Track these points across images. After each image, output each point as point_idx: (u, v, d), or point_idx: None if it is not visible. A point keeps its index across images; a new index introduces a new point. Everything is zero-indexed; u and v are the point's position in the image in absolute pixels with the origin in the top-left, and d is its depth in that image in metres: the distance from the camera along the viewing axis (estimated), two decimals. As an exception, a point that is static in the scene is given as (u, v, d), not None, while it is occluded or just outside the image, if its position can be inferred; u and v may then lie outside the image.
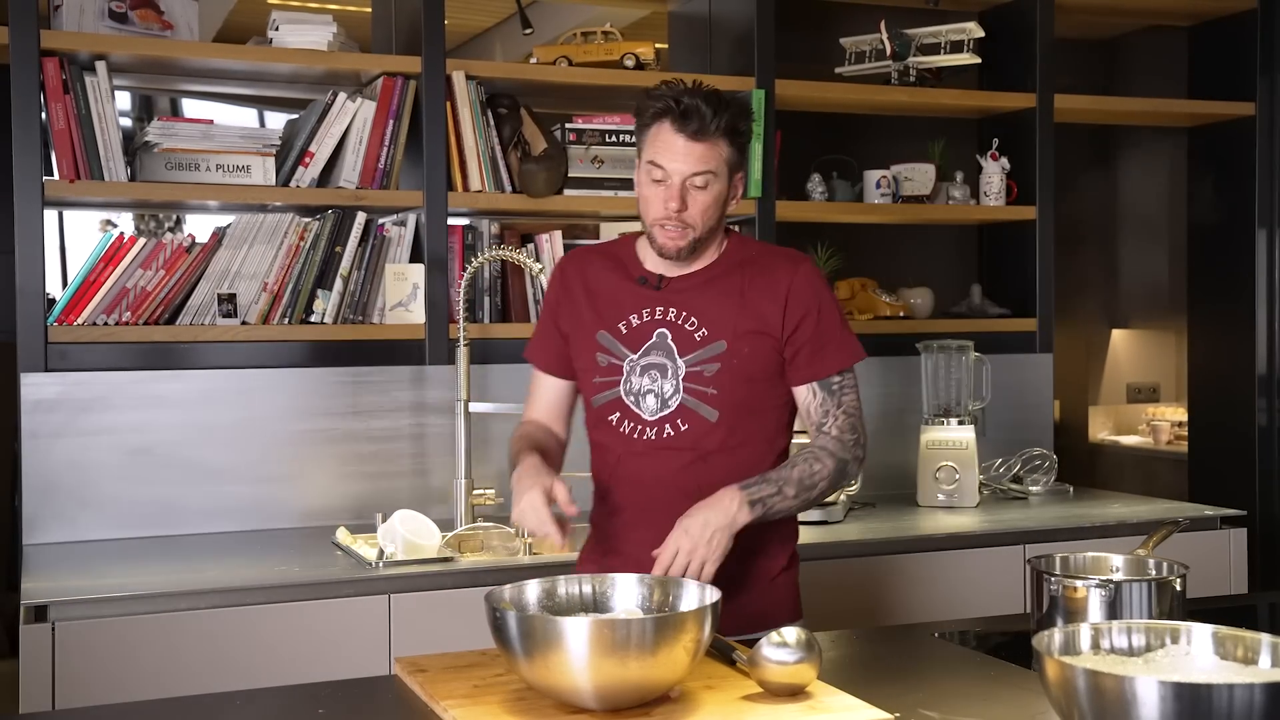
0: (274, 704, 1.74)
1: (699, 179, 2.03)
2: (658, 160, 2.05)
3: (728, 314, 2.10)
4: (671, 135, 2.03)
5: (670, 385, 2.08)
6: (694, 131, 2.02)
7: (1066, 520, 3.21)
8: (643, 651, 1.49)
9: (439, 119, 3.17)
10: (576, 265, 2.24)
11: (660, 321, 2.11)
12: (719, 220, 2.10)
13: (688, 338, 2.10)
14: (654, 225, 2.07)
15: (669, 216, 2.04)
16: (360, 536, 2.87)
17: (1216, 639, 1.47)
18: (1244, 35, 4.09)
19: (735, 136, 2.07)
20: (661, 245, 2.08)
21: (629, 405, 2.11)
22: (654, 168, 2.05)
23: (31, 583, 2.49)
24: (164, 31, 3.06)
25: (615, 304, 2.15)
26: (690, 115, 2.02)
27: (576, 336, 2.18)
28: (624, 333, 2.13)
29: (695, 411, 2.08)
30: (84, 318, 2.93)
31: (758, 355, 2.09)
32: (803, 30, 3.81)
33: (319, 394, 3.14)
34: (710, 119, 2.02)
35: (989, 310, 3.89)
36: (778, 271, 2.13)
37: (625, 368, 2.11)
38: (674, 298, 2.12)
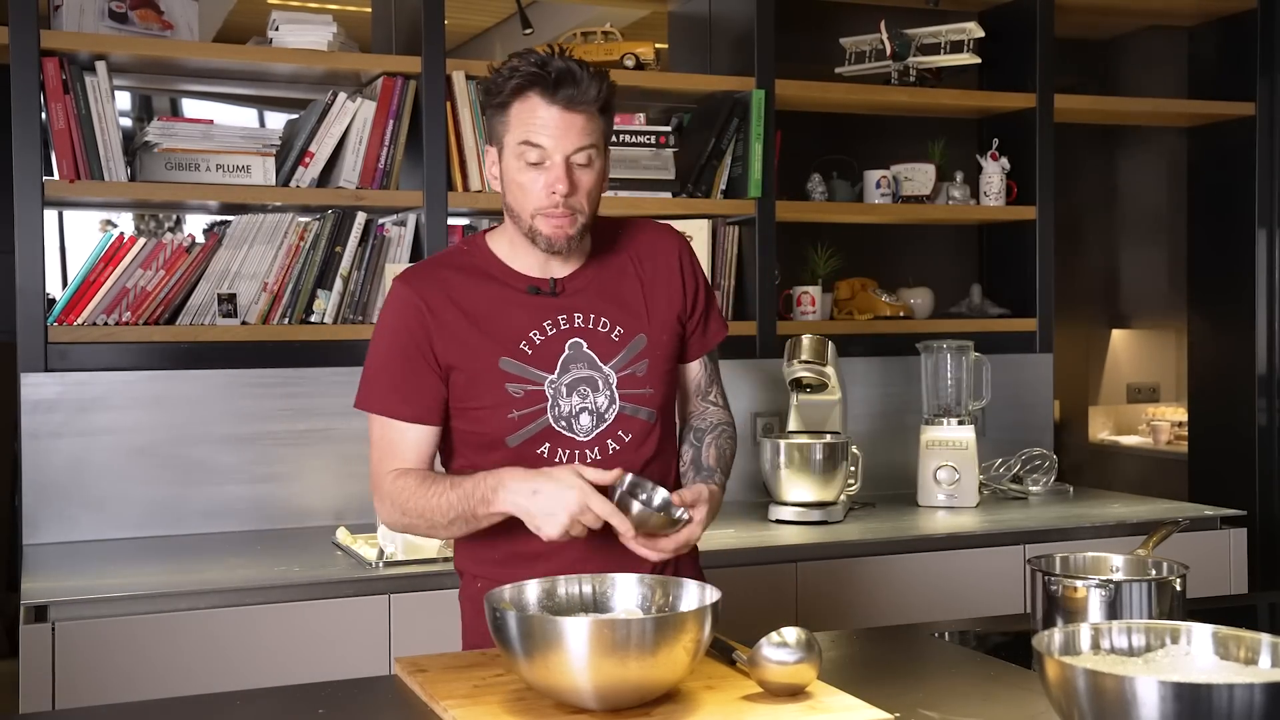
0: (274, 704, 1.74)
1: (582, 155, 1.81)
2: (533, 138, 1.79)
3: (635, 305, 1.94)
4: (544, 107, 1.79)
5: (604, 397, 1.90)
6: (569, 100, 1.78)
7: (1066, 520, 3.21)
8: (643, 651, 1.49)
9: (439, 119, 3.17)
10: (434, 287, 1.90)
11: (569, 330, 1.90)
12: (599, 203, 1.88)
13: (604, 341, 1.91)
14: (536, 216, 1.83)
15: (556, 204, 1.81)
16: (360, 536, 2.87)
17: (1216, 639, 1.47)
18: (1244, 35, 4.09)
19: (608, 108, 1.85)
20: (550, 237, 1.84)
21: (559, 431, 1.88)
22: (528, 148, 1.80)
23: (31, 583, 2.49)
24: (164, 31, 3.06)
25: (507, 323, 1.88)
26: (564, 81, 1.78)
27: (469, 369, 1.88)
28: (530, 353, 1.88)
29: (634, 417, 1.92)
30: (84, 318, 2.93)
31: (671, 340, 1.97)
32: (803, 30, 3.81)
33: (319, 394, 3.13)
34: (588, 85, 1.79)
35: (989, 310, 3.89)
36: (661, 244, 1.99)
37: (548, 392, 1.88)
38: (575, 300, 1.91)
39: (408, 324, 1.89)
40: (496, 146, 1.88)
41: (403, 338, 1.89)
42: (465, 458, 1.95)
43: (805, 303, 3.62)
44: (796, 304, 3.63)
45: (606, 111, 1.85)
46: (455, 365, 1.88)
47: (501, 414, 1.88)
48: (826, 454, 3.11)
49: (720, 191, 3.49)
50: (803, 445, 3.11)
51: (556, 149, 1.80)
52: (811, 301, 3.61)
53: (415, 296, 1.89)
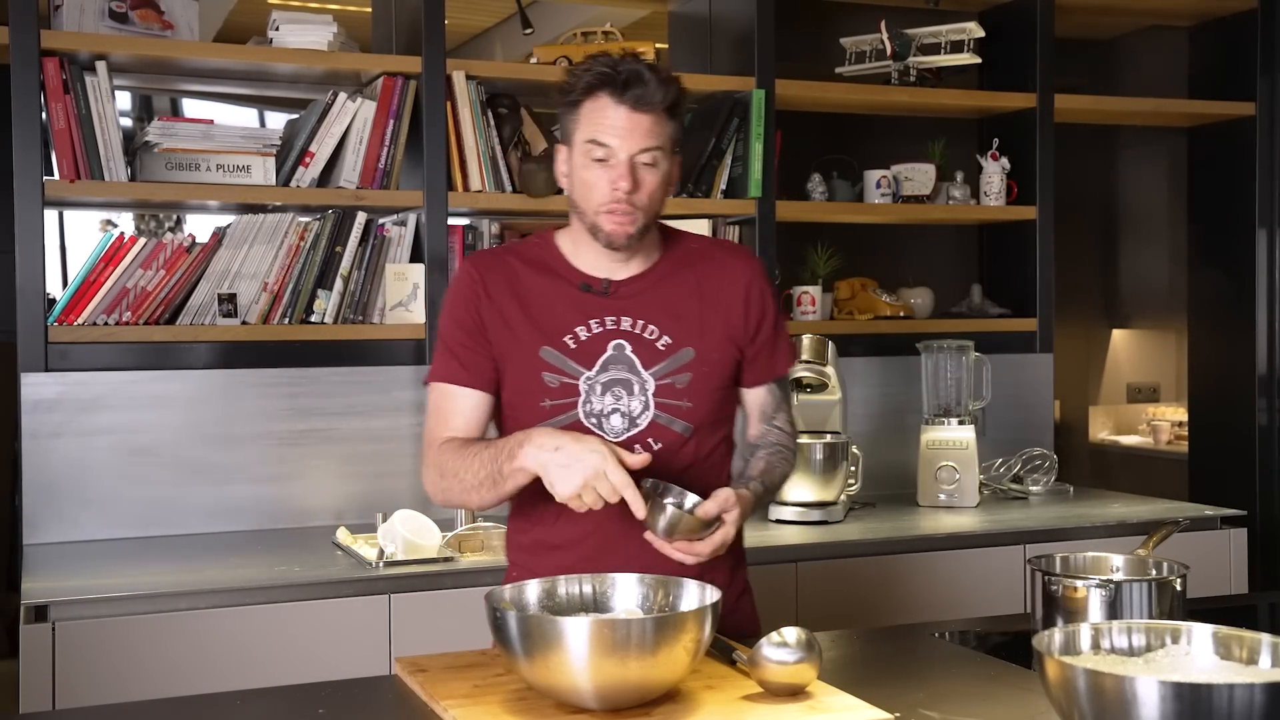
0: (274, 704, 1.74)
1: (647, 156, 1.85)
2: (599, 137, 1.84)
3: (690, 317, 1.94)
4: (612, 106, 1.83)
5: (639, 402, 1.90)
6: (637, 100, 1.82)
7: (1066, 520, 3.21)
8: (643, 651, 1.49)
9: (439, 119, 3.17)
10: (497, 271, 1.96)
11: (615, 332, 1.91)
12: (662, 205, 1.91)
13: (649, 348, 1.91)
14: (599, 213, 1.86)
15: (618, 200, 1.84)
16: (360, 536, 2.87)
17: (1217, 639, 1.47)
18: (1244, 35, 4.09)
19: (676, 111, 1.88)
20: (610, 234, 1.87)
21: (589, 428, 1.89)
22: (595, 146, 1.84)
23: (31, 583, 2.49)
24: (164, 31, 3.06)
25: (555, 315, 1.92)
26: (632, 83, 1.82)
27: (512, 354, 1.92)
28: (573, 347, 1.91)
29: (668, 428, 1.91)
30: (84, 318, 2.93)
31: (726, 360, 1.97)
32: (803, 30, 3.82)
33: (320, 394, 3.14)
34: (656, 87, 1.83)
35: (989, 310, 3.89)
36: (732, 267, 2.00)
37: (582, 387, 1.90)
38: (626, 304, 1.93)
39: (465, 300, 1.95)
40: (566, 145, 1.91)
41: (460, 313, 1.95)
42: None
43: (805, 303, 3.62)
44: (797, 304, 3.63)
45: (675, 116, 1.88)
46: (499, 347, 1.93)
47: (534, 401, 1.90)
48: (827, 454, 3.11)
49: (720, 191, 3.49)
50: (803, 445, 3.12)
51: (622, 148, 1.84)
52: (812, 301, 3.61)
53: (476, 274, 1.96)
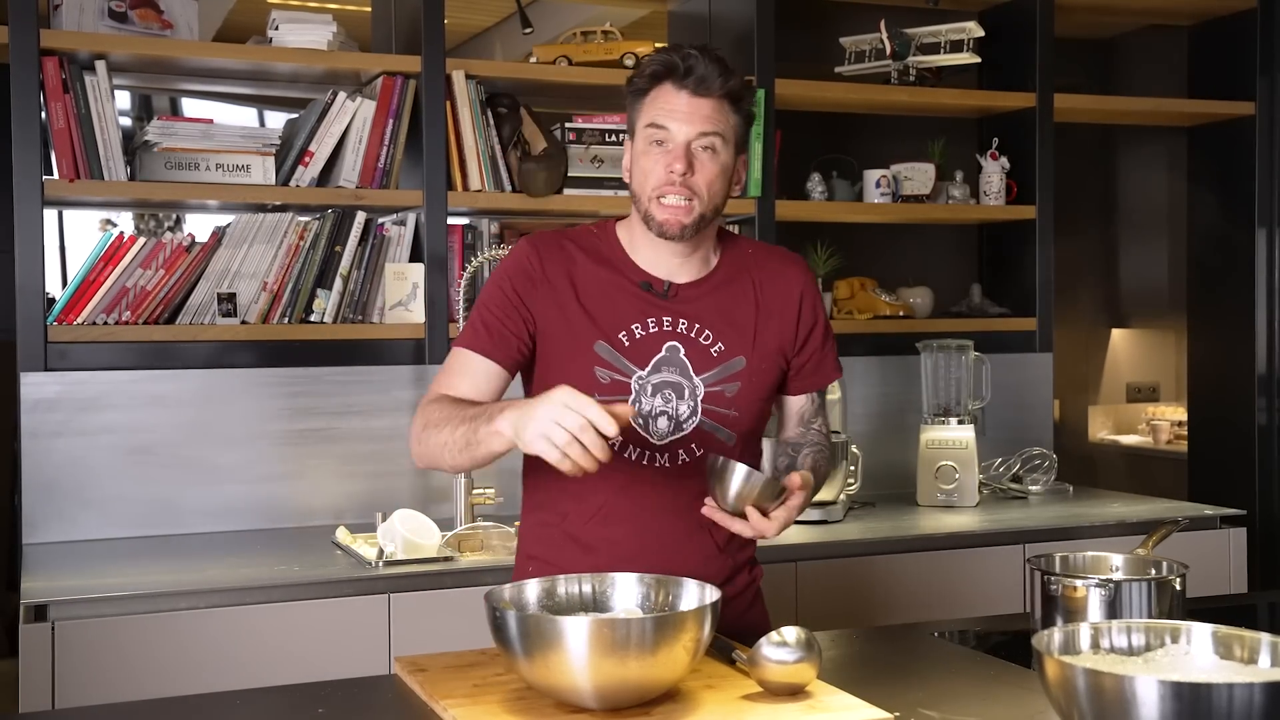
0: (274, 704, 1.74)
1: (706, 140, 1.83)
2: (659, 120, 1.84)
3: (744, 327, 1.93)
4: (673, 93, 1.84)
5: (687, 406, 1.89)
6: (697, 84, 1.83)
7: (1066, 520, 3.21)
8: (643, 651, 1.49)
9: (439, 118, 3.17)
10: (556, 254, 1.92)
11: (670, 334, 1.90)
12: (723, 201, 1.89)
13: (703, 353, 1.90)
14: (653, 198, 1.85)
15: (672, 183, 1.82)
16: (360, 536, 2.87)
17: (1216, 638, 1.47)
18: (1244, 35, 4.09)
19: (739, 104, 1.87)
20: (663, 222, 1.84)
21: (636, 428, 1.87)
22: (654, 129, 1.84)
23: (31, 582, 2.48)
24: (164, 31, 3.06)
25: (613, 309, 1.90)
26: (694, 69, 1.82)
27: (563, 345, 1.90)
28: (626, 345, 1.89)
29: (712, 435, 1.91)
30: (84, 317, 2.93)
31: (773, 370, 1.96)
32: (803, 30, 3.81)
33: (319, 394, 3.14)
34: (716, 75, 1.83)
35: (989, 310, 3.89)
36: (788, 277, 1.99)
37: (634, 386, 1.88)
38: (684, 307, 1.91)
39: (516, 274, 1.91)
40: (630, 138, 1.91)
41: (506, 285, 1.91)
42: None
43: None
44: (796, 304, 3.63)
45: (739, 109, 1.87)
46: (548, 333, 1.90)
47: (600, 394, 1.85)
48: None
49: (720, 191, 3.48)
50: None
51: (680, 132, 1.83)
52: (811, 301, 3.61)
53: (534, 254, 1.92)
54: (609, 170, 3.35)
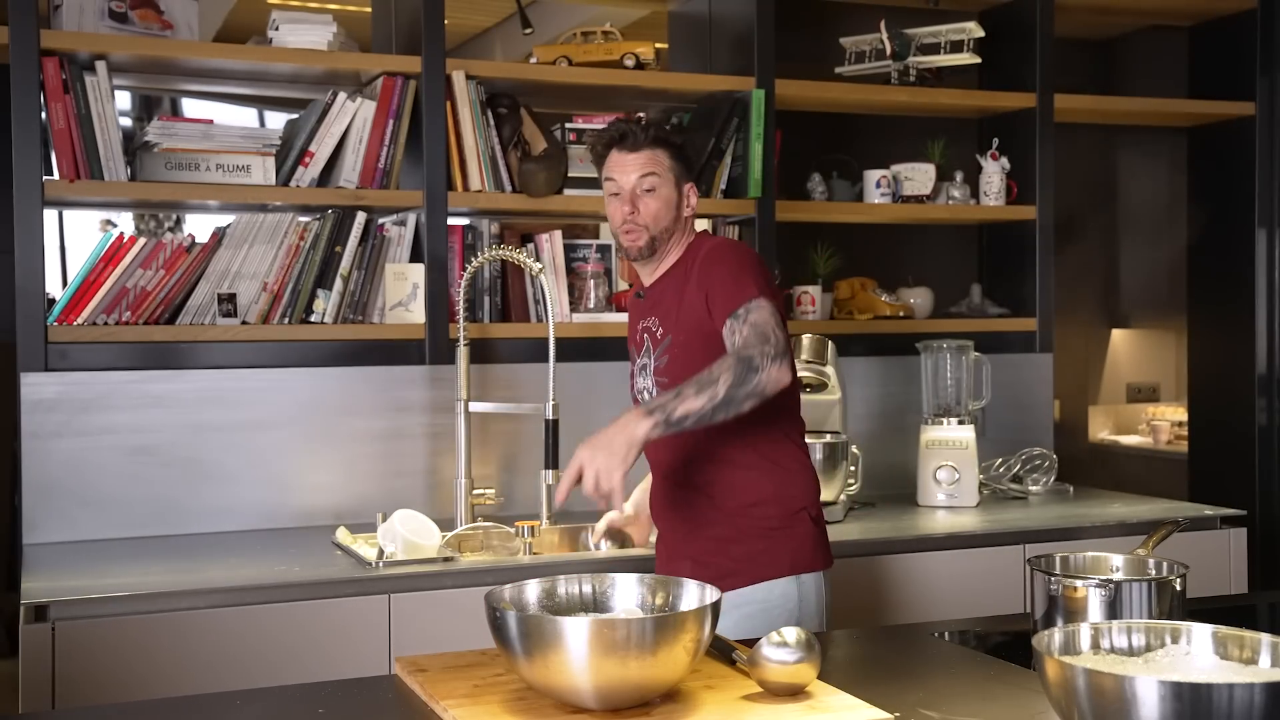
0: (274, 704, 1.75)
1: (645, 183, 2.38)
2: (611, 175, 2.41)
3: (674, 309, 2.38)
4: (618, 155, 2.41)
5: (649, 381, 2.42)
6: (631, 146, 2.39)
7: (1066, 520, 3.21)
8: (642, 651, 1.49)
9: (439, 119, 3.17)
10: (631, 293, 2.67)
11: (645, 328, 2.45)
12: (674, 222, 2.41)
13: (655, 338, 2.42)
14: (618, 232, 2.42)
15: (624, 219, 2.38)
16: (360, 536, 2.87)
17: (1216, 639, 1.47)
18: (1244, 35, 4.09)
19: (669, 146, 2.40)
20: (626, 248, 2.42)
21: (637, 401, 2.44)
22: (610, 183, 2.42)
23: (31, 583, 2.48)
24: (164, 31, 3.06)
25: (632, 320, 2.54)
26: (626, 136, 2.40)
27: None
28: (636, 342, 2.49)
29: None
30: (84, 317, 2.93)
31: (694, 338, 2.32)
32: (803, 30, 3.81)
33: (319, 394, 3.13)
34: (640, 133, 2.39)
35: (989, 310, 3.89)
36: (696, 255, 2.37)
37: (634, 371, 2.49)
38: (652, 305, 2.45)
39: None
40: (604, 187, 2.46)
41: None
42: None
43: (805, 302, 3.63)
44: (796, 304, 3.63)
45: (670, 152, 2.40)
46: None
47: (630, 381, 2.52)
48: (826, 454, 3.11)
49: (720, 191, 3.49)
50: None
51: (625, 182, 2.39)
52: (811, 301, 3.62)
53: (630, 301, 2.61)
54: (609, 170, 3.34)
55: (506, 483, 3.27)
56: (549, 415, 3.01)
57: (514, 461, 3.29)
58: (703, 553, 2.33)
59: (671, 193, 2.41)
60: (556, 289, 3.32)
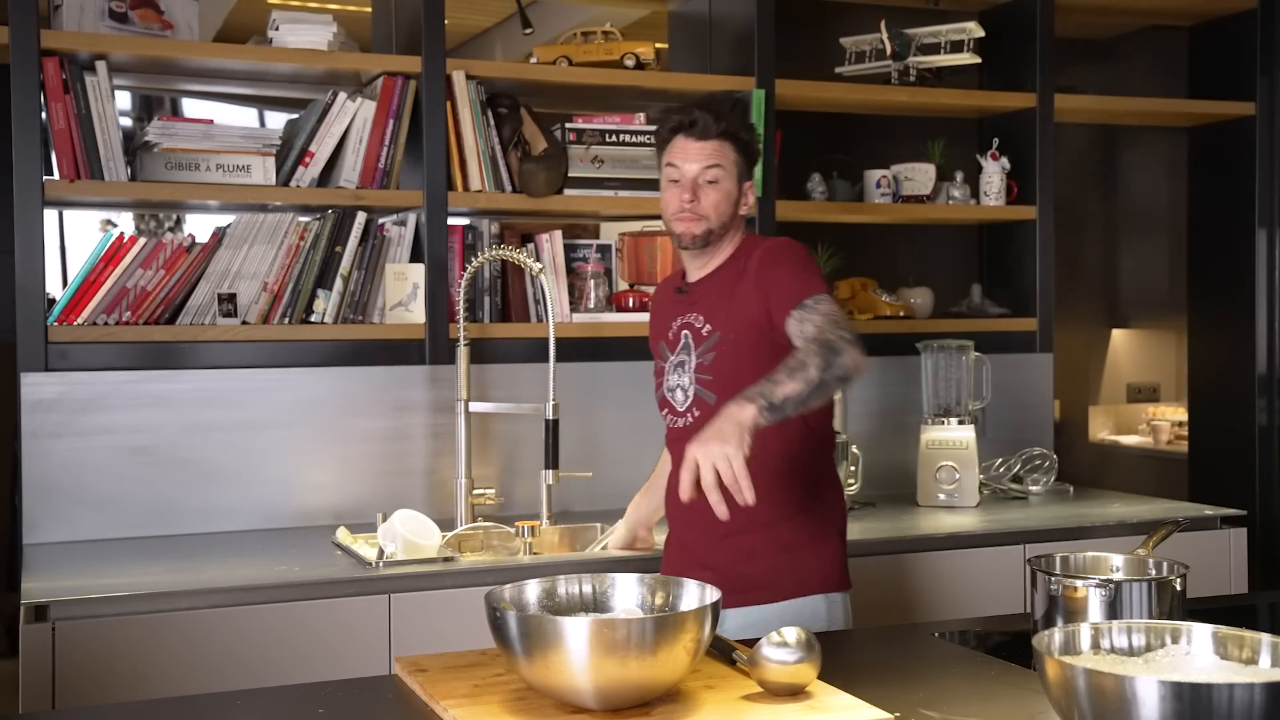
0: (274, 704, 1.75)
1: (708, 174, 2.33)
2: (672, 161, 2.36)
3: (723, 307, 2.34)
4: (683, 141, 2.36)
5: (688, 378, 2.36)
6: (699, 134, 2.34)
7: (1066, 520, 3.21)
8: (643, 651, 1.49)
9: (439, 119, 3.17)
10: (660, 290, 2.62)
11: (685, 325, 2.40)
12: (730, 218, 2.36)
13: (699, 335, 2.37)
14: (673, 219, 2.36)
15: (682, 208, 2.33)
16: (360, 536, 2.87)
17: (1216, 639, 1.47)
18: (1244, 35, 4.09)
19: (736, 140, 2.36)
20: (679, 234, 2.35)
21: (668, 400, 2.40)
22: (671, 168, 2.36)
23: (31, 582, 2.48)
24: (164, 31, 3.06)
25: (664, 315, 2.48)
26: (696, 123, 2.34)
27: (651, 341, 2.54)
28: (669, 338, 2.44)
29: (702, 398, 2.33)
30: (84, 317, 2.93)
31: (745, 337, 2.30)
32: (803, 30, 3.82)
33: (319, 394, 3.13)
34: (712, 123, 2.34)
35: (989, 310, 3.89)
36: (750, 254, 2.35)
37: (665, 368, 2.43)
38: (695, 302, 2.40)
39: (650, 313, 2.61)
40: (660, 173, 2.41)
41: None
42: None
43: (805, 302, 3.62)
44: (796, 304, 3.62)
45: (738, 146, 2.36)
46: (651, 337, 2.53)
47: (656, 379, 2.48)
48: (826, 454, 3.11)
49: (720, 191, 3.48)
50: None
51: (687, 171, 2.34)
52: (811, 301, 3.61)
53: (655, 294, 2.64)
54: (609, 170, 3.35)
55: (506, 483, 3.27)
56: (549, 415, 3.01)
57: (514, 461, 3.29)
58: (728, 562, 2.26)
59: (733, 187, 2.37)
60: (556, 289, 3.32)
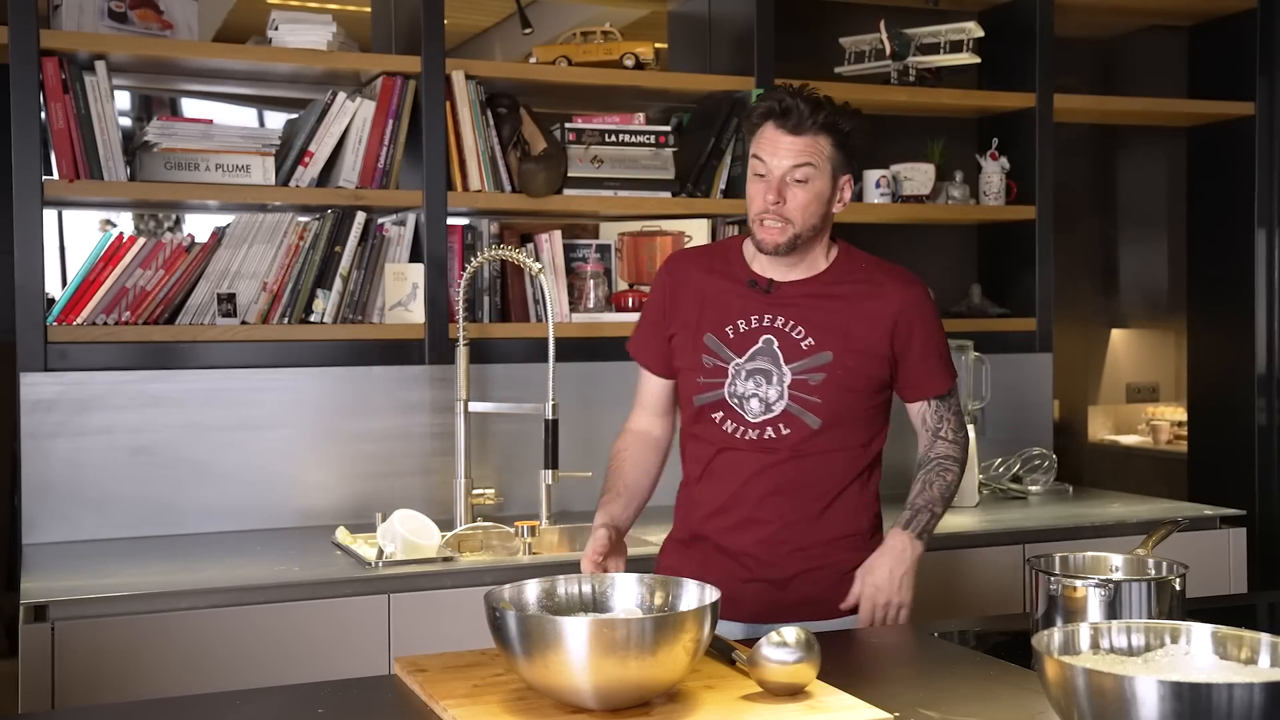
0: (274, 704, 1.74)
1: (798, 172, 2.12)
2: (759, 154, 2.15)
3: (835, 326, 2.18)
4: (773, 132, 2.14)
5: (775, 391, 2.17)
6: (792, 126, 2.12)
7: (1066, 520, 3.21)
8: (642, 651, 1.49)
9: (439, 119, 3.17)
10: (683, 267, 2.31)
11: (768, 328, 2.19)
12: (821, 220, 2.17)
13: (794, 345, 2.17)
14: (755, 220, 2.16)
15: (767, 210, 2.13)
16: (360, 536, 2.87)
17: (1216, 639, 1.47)
18: (1244, 35, 4.09)
19: (835, 133, 2.14)
20: (761, 240, 2.16)
21: (733, 406, 2.19)
22: (757, 161, 2.15)
23: (31, 582, 2.48)
24: (163, 31, 3.06)
25: (723, 307, 2.22)
26: (789, 112, 2.12)
27: (682, 337, 2.25)
28: (731, 337, 2.20)
29: (799, 418, 2.17)
30: (83, 317, 2.93)
31: (862, 370, 2.18)
32: (803, 30, 3.81)
33: (319, 394, 3.13)
34: (808, 115, 2.12)
35: (989, 310, 3.89)
36: (889, 291, 2.21)
37: (730, 370, 2.19)
38: (782, 304, 2.19)
39: (658, 293, 2.32)
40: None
41: (654, 304, 2.32)
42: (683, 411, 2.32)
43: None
44: (796, 304, 3.63)
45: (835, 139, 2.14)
46: (675, 330, 2.26)
47: (692, 377, 2.23)
48: (826, 454, 3.11)
49: (720, 191, 3.49)
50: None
51: (775, 166, 2.13)
52: (811, 301, 3.61)
53: (668, 276, 2.31)
54: (609, 170, 3.35)
55: (506, 483, 3.27)
56: (548, 415, 3.01)
57: (513, 461, 3.29)
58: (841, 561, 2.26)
59: (826, 186, 2.15)
60: (556, 289, 3.32)
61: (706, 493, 2.24)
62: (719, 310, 2.22)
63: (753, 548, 2.20)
